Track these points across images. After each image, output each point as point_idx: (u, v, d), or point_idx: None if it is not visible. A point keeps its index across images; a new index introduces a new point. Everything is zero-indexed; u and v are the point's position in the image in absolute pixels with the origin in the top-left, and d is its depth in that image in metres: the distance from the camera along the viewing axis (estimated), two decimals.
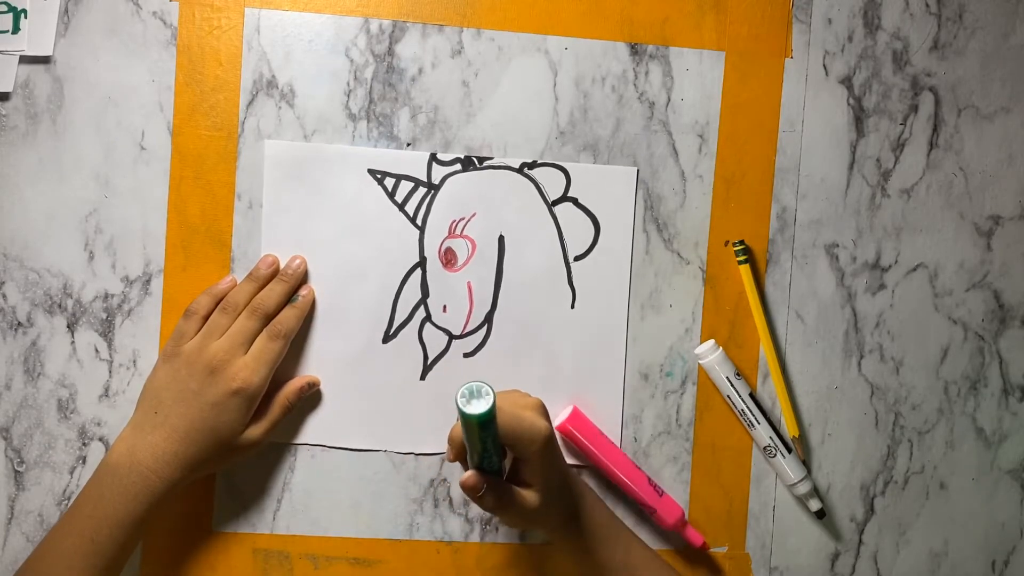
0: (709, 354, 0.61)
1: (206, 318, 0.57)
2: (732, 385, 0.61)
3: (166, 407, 0.54)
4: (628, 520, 0.62)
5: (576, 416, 0.60)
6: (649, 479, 0.60)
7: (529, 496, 0.51)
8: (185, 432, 0.53)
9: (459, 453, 0.51)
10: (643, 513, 0.62)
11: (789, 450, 0.61)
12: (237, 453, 0.56)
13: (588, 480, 0.62)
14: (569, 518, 0.54)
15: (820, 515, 0.62)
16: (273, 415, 0.57)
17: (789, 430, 0.62)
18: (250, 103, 0.59)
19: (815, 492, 0.63)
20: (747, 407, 0.61)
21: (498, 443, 0.48)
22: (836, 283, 0.64)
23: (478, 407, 0.44)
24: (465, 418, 0.44)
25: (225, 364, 0.55)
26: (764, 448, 0.61)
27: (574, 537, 0.54)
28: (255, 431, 0.56)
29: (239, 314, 0.56)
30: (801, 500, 0.63)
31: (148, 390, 0.56)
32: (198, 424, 0.54)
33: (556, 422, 0.60)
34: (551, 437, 0.51)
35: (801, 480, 0.61)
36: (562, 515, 0.54)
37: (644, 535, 0.61)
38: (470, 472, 0.49)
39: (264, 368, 0.56)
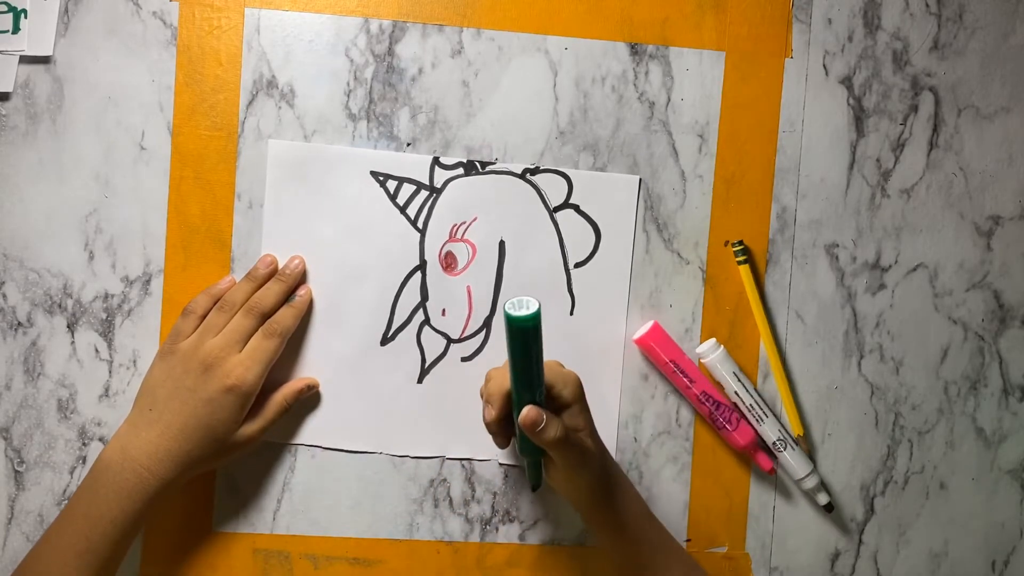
0: (711, 352, 0.61)
1: (204, 317, 0.56)
2: (739, 380, 0.61)
3: (161, 404, 0.54)
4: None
5: (656, 330, 0.61)
6: (727, 398, 0.61)
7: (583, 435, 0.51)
8: (179, 429, 0.53)
9: (502, 408, 0.51)
10: (715, 431, 0.62)
11: (795, 445, 0.62)
12: (232, 451, 0.56)
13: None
14: (608, 481, 0.53)
15: (828, 508, 0.62)
16: (269, 414, 0.57)
17: (793, 428, 0.62)
18: (250, 103, 0.59)
19: (823, 486, 0.63)
20: (755, 401, 0.61)
21: (542, 369, 0.48)
22: (836, 283, 0.64)
23: (527, 310, 0.45)
24: (515, 324, 0.45)
25: (220, 361, 0.55)
26: (773, 443, 0.61)
27: (609, 506, 0.54)
28: (249, 429, 0.56)
29: (236, 313, 0.57)
30: (809, 494, 0.63)
31: (144, 388, 0.56)
32: (192, 421, 0.54)
33: (636, 335, 0.61)
34: (580, 383, 0.52)
35: (809, 474, 0.61)
36: (605, 471, 0.53)
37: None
38: (529, 407, 0.48)
39: (258, 366, 0.56)
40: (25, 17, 0.58)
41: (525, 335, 0.46)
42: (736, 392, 0.61)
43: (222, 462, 0.57)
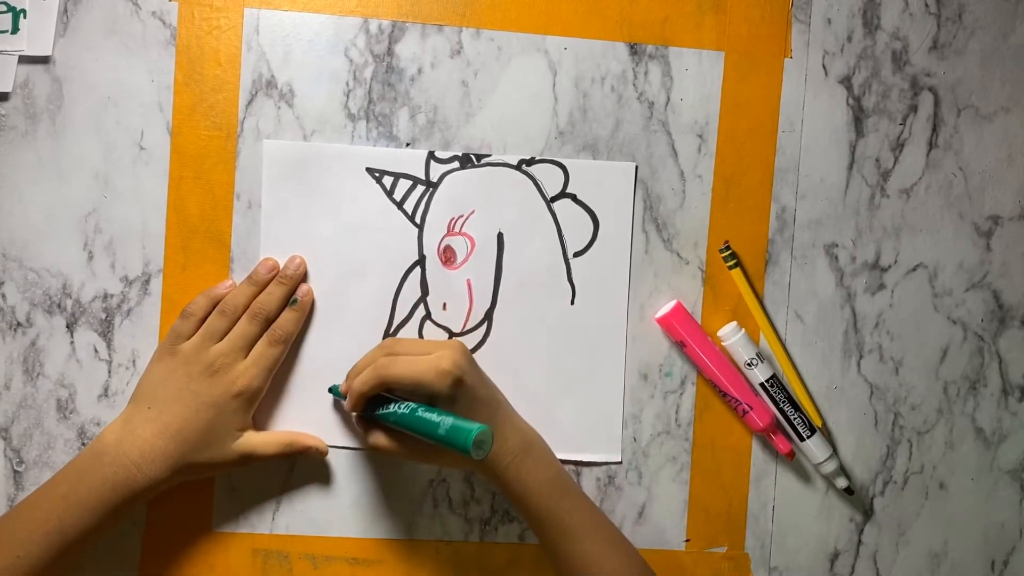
0: (732, 335, 0.61)
1: (203, 320, 0.56)
2: (760, 363, 0.61)
3: (160, 404, 0.54)
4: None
5: (678, 310, 0.61)
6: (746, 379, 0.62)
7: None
8: (177, 431, 0.53)
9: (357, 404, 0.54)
10: (733, 413, 0.62)
11: (812, 431, 0.61)
12: (222, 466, 0.55)
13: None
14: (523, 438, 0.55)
15: (848, 492, 0.62)
16: (268, 449, 0.56)
17: (813, 420, 0.63)
18: (249, 103, 0.59)
19: (842, 470, 0.63)
20: (776, 383, 0.61)
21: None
22: (836, 283, 0.64)
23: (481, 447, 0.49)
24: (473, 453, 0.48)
25: (226, 368, 0.55)
26: (794, 426, 0.61)
27: (504, 474, 0.54)
28: (246, 445, 0.55)
29: (238, 317, 0.56)
30: (829, 479, 0.63)
31: (142, 386, 0.56)
32: (192, 424, 0.54)
33: (658, 315, 0.61)
34: (450, 375, 0.52)
35: (828, 458, 0.62)
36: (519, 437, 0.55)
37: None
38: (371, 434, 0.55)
39: (264, 373, 0.56)
40: (24, 17, 0.58)
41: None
42: (758, 374, 0.61)
43: (213, 474, 0.57)
